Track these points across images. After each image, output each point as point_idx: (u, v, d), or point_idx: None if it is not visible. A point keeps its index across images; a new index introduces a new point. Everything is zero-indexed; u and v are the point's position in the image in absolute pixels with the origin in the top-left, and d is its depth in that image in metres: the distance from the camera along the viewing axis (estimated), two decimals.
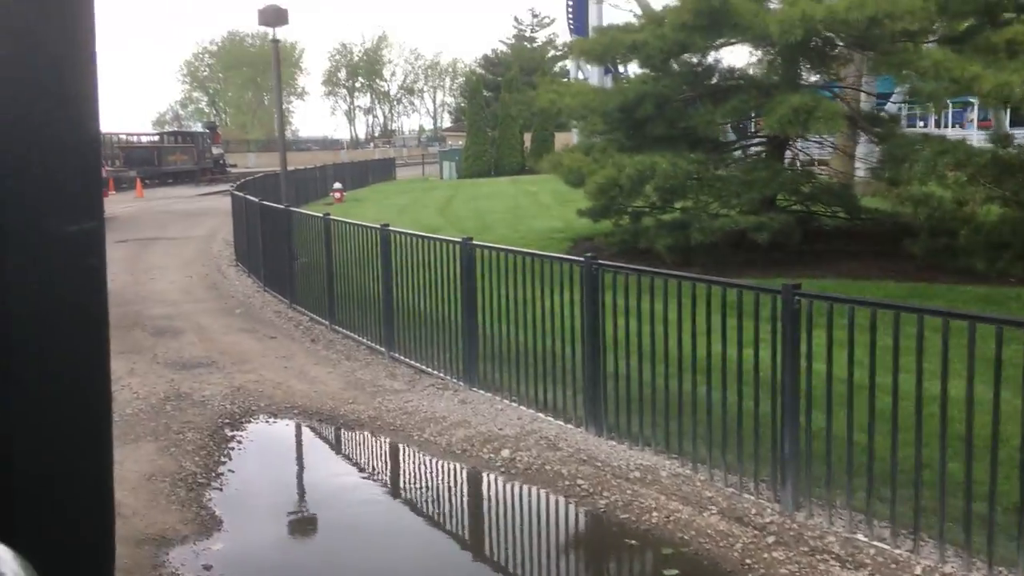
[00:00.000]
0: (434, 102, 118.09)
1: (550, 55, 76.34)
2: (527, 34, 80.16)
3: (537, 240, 15.96)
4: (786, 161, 14.18)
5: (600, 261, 7.03)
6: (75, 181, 0.99)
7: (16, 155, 0.95)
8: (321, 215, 11.34)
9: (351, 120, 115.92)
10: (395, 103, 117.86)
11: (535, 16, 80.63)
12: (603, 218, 15.55)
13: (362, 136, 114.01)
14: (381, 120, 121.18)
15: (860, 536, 5.13)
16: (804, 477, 5.40)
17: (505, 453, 6.77)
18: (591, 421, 6.94)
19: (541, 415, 7.41)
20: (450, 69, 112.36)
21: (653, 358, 6.42)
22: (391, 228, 9.77)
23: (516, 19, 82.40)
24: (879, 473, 5.15)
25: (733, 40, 12.95)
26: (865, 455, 5.20)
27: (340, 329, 10.66)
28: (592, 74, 37.24)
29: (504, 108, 46.08)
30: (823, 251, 13.04)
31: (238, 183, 21.76)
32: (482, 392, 8.07)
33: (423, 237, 9.26)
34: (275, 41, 14.47)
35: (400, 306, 9.39)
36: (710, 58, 13.33)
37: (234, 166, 61.71)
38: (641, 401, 6.55)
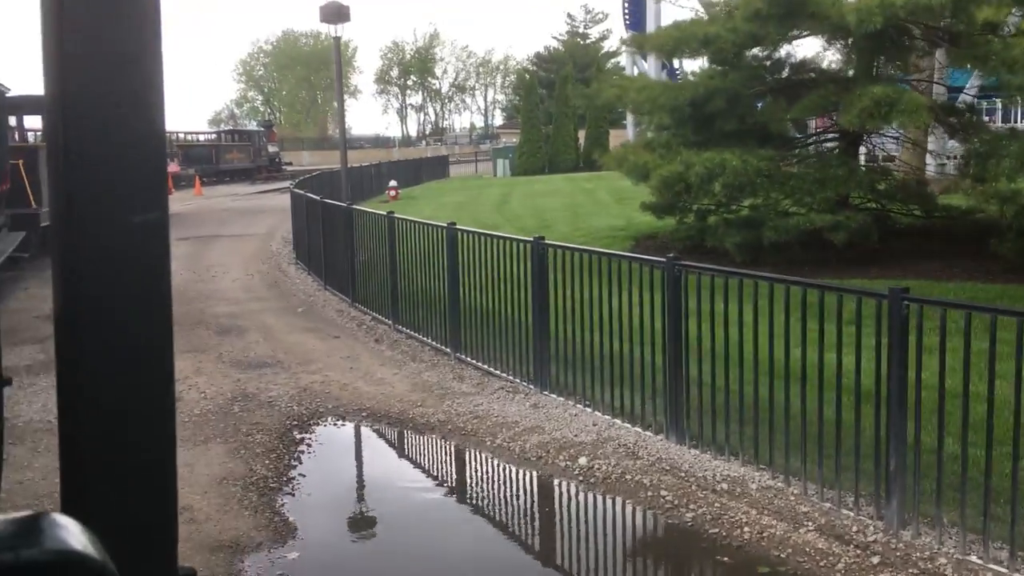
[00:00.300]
0: (485, 100, 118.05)
1: (603, 51, 75.78)
2: (580, 30, 79.71)
3: (598, 238, 15.67)
4: (861, 158, 13.69)
5: (683, 262, 6.74)
6: (141, 174, 1.03)
7: (87, 149, 0.99)
8: (384, 213, 11.18)
9: (403, 118, 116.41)
10: (446, 101, 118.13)
11: (588, 12, 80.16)
12: (667, 215, 15.20)
13: (413, 134, 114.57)
14: (432, 118, 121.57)
15: (974, 558, 4.79)
16: (912, 493, 5.07)
17: (582, 461, 6.52)
18: (672, 429, 6.66)
19: (618, 421, 7.14)
20: (501, 67, 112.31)
21: (741, 364, 6.11)
22: (457, 227, 9.57)
23: (569, 15, 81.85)
24: (996, 490, 4.80)
25: (806, 32, 12.51)
26: (979, 470, 4.85)
27: (404, 329, 10.49)
28: (650, 69, 36.78)
29: (559, 105, 45.79)
30: (899, 250, 12.54)
31: (298, 180, 21.80)
32: (554, 396, 7.83)
33: (491, 236, 9.05)
34: (337, 38, 14.37)
35: (467, 307, 9.19)
36: (781, 51, 12.91)
37: (289, 164, 62.35)
38: (728, 409, 6.24)
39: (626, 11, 46.60)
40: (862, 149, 14.09)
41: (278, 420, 7.71)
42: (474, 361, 8.94)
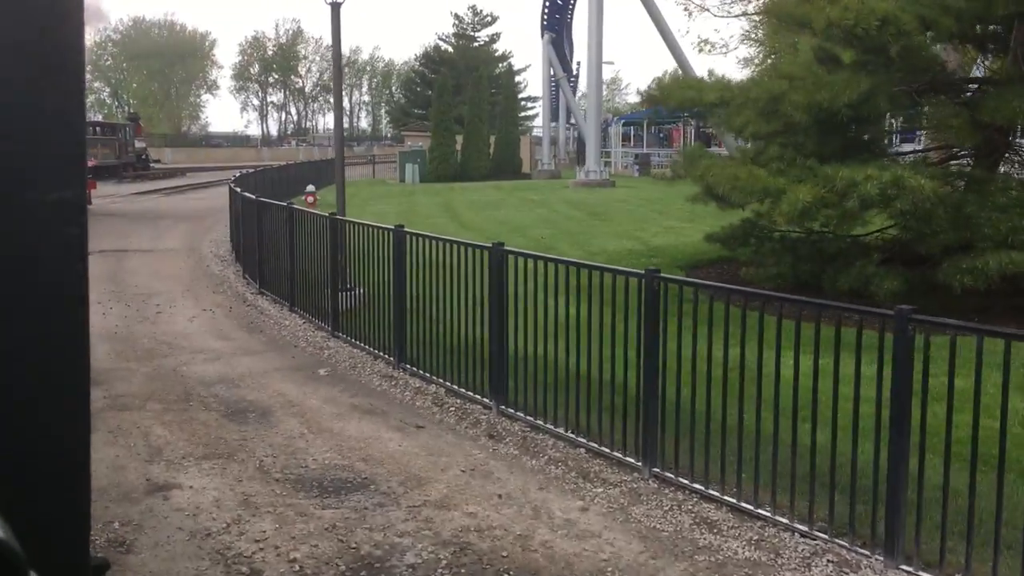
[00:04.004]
0: (351, 100, 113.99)
1: (499, 53, 73.10)
2: (468, 32, 76.75)
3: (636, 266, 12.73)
4: None
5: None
6: (58, 149, 1.03)
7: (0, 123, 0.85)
8: (490, 245, 7.76)
9: (263, 116, 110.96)
10: (310, 100, 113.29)
11: (476, 14, 77.24)
12: (741, 246, 12.50)
13: (274, 133, 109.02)
14: (296, 117, 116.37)
15: None
16: None
17: None
18: None
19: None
20: (368, 68, 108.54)
21: None
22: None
23: (457, 17, 78.32)
24: None
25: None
26: None
27: (520, 415, 7.21)
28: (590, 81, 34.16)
29: (472, 108, 42.68)
30: None
31: (235, 180, 17.82)
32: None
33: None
34: (336, 5, 10.86)
35: (670, 397, 6.04)
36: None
37: (157, 161, 56.59)
38: None
39: (545, 12, 44.10)
40: None
41: None
42: (686, 482, 5.80)
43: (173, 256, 16.81)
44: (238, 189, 15.74)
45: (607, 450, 6.42)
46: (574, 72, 53.35)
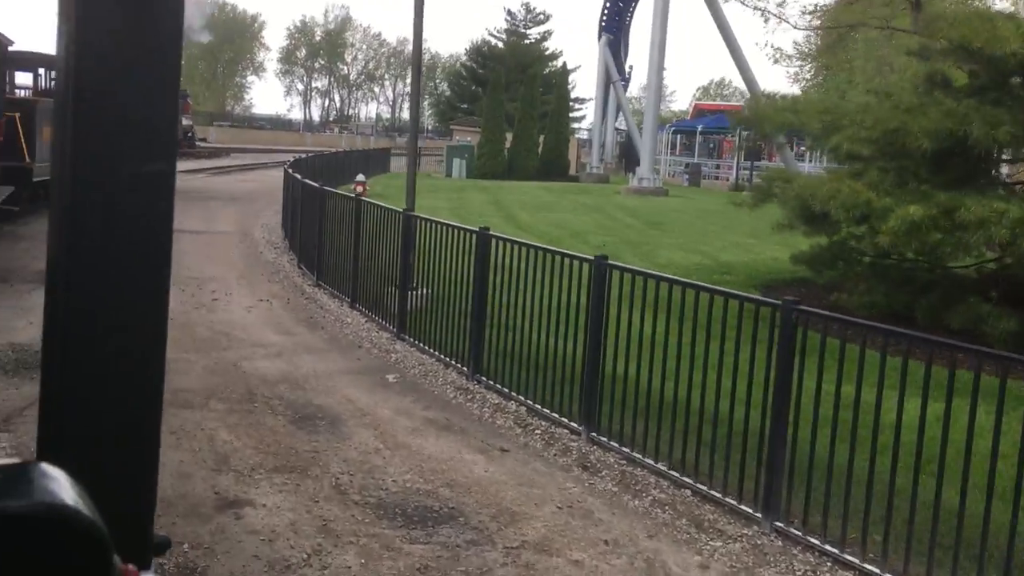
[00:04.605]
0: (394, 91, 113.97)
1: (548, 52, 72.49)
2: (520, 29, 76.15)
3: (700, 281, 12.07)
4: None
5: None
6: (152, 124, 1.01)
7: (100, 94, 0.97)
8: (593, 258, 7.13)
9: (307, 102, 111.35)
10: (354, 88, 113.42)
11: (529, 12, 76.63)
12: (828, 269, 11.80)
13: (316, 119, 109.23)
14: (339, 104, 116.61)
15: None
16: None
17: None
18: None
19: None
20: (427, 57, 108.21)
21: None
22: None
23: (509, 13, 77.68)
24: None
25: None
26: None
27: (621, 448, 6.59)
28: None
29: (524, 106, 42.04)
30: None
31: (290, 164, 17.30)
32: None
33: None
34: None
35: (801, 445, 5.40)
36: None
37: (203, 140, 56.56)
38: None
39: (604, 13, 43.39)
40: None
41: None
42: (815, 542, 5.15)
43: (225, 240, 16.37)
44: (297, 175, 15.25)
45: (718, 495, 5.79)
46: (627, 75, 52.59)
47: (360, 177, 27.37)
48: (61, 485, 0.71)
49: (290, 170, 16.66)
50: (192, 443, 6.32)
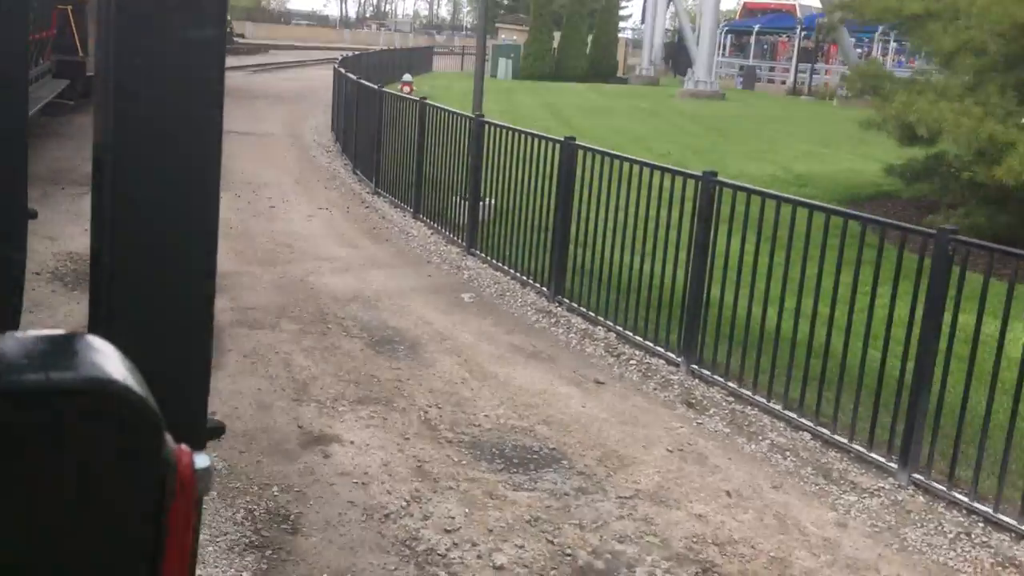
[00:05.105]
0: None
1: None
2: None
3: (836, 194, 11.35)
4: None
5: None
6: None
7: None
8: (698, 172, 6.48)
9: None
10: None
11: None
12: (923, 182, 11.03)
13: (353, 15, 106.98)
14: (375, 0, 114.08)
15: None
16: None
17: None
18: None
19: None
20: None
21: None
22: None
23: None
24: None
25: None
26: None
27: (726, 383, 6.07)
28: None
29: (574, 4, 40.36)
30: None
31: (340, 63, 16.55)
32: None
33: None
34: None
35: (951, 395, 4.84)
36: None
37: (241, 35, 55.33)
38: None
39: None
40: None
41: None
42: (963, 499, 4.64)
43: (275, 142, 15.79)
44: (351, 74, 14.51)
45: (843, 440, 5.27)
46: None
47: (407, 77, 26.49)
48: (109, 358, 0.66)
49: (341, 69, 15.91)
50: (268, 368, 5.89)
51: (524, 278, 8.18)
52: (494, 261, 8.70)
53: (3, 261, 1.39)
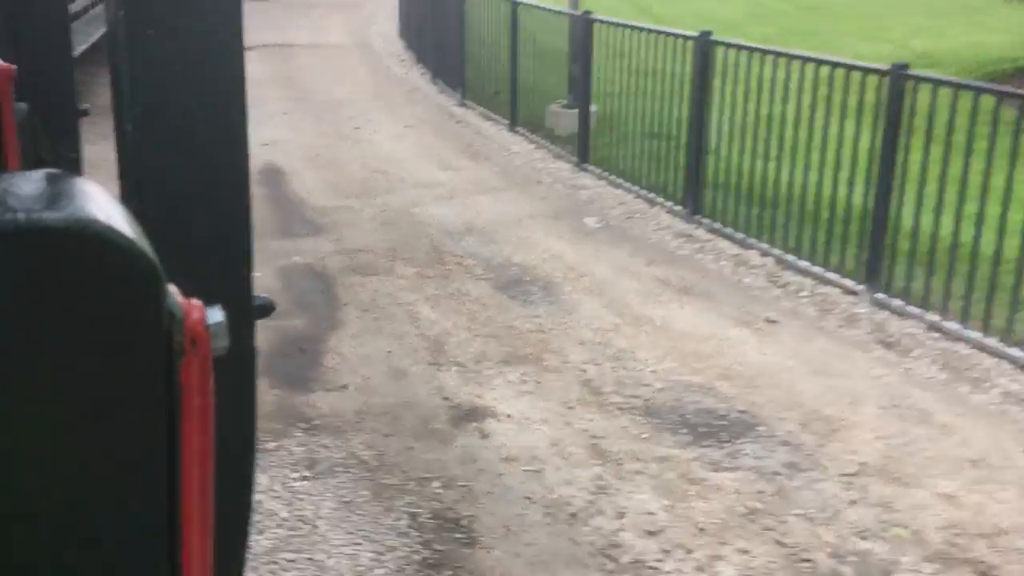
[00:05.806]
0: None
1: None
2: None
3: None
4: None
5: None
6: None
7: None
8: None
9: None
10: None
11: None
12: None
13: None
14: None
15: None
16: None
17: None
18: None
19: None
20: None
21: None
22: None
23: None
24: None
25: None
26: None
27: (923, 315, 5.17)
28: None
29: None
30: None
31: None
32: None
33: None
34: None
35: None
36: None
37: None
38: None
39: None
40: None
41: None
42: None
43: (343, 53, 14.82)
44: None
45: None
46: None
47: None
48: (94, 199, 0.62)
49: None
50: (393, 325, 5.17)
51: (652, 196, 7.27)
52: (612, 177, 7.78)
53: (60, 158, 1.47)
